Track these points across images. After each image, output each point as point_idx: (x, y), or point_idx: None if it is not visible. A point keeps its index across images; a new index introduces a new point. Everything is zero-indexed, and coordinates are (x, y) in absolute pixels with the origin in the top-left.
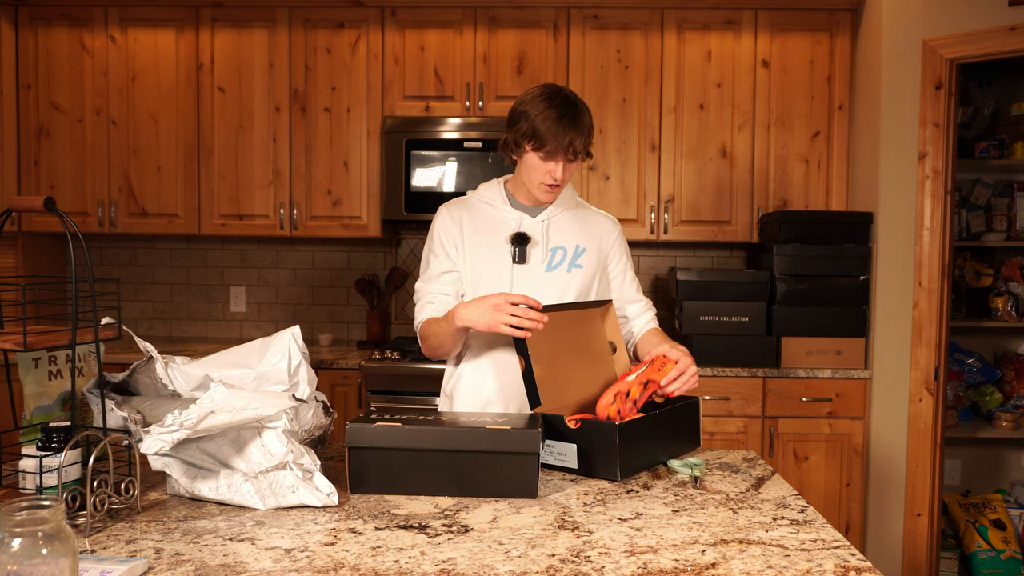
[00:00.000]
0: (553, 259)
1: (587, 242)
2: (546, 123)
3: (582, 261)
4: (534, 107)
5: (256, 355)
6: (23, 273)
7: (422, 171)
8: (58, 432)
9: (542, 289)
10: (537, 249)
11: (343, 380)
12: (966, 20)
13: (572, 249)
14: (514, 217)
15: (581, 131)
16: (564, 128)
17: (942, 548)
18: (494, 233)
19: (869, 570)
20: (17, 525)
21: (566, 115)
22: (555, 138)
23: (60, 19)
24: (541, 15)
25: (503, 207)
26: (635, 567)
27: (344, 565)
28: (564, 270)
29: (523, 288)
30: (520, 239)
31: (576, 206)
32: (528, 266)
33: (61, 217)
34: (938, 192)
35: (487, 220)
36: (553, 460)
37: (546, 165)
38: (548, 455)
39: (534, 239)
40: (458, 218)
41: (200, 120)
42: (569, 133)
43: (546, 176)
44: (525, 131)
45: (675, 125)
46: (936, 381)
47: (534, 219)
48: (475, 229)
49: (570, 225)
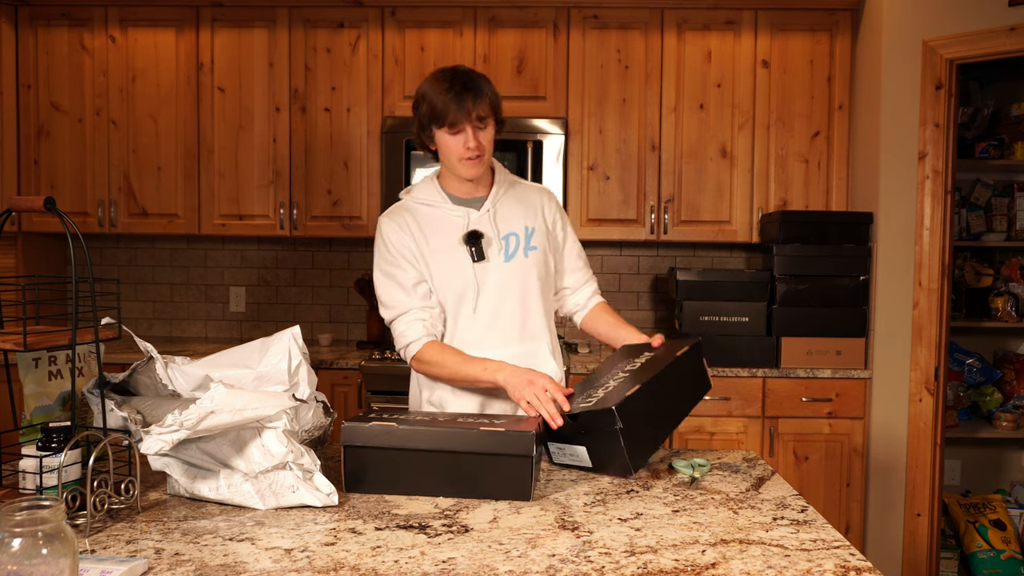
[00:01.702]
0: (508, 248)
1: (533, 220)
2: (440, 96)
3: (535, 242)
4: (429, 88)
5: (256, 355)
6: (23, 273)
7: (422, 171)
8: (58, 432)
9: (506, 282)
10: (491, 242)
11: (343, 380)
12: (966, 20)
13: (523, 232)
14: (460, 215)
15: (479, 94)
16: (459, 95)
17: (942, 548)
18: (445, 235)
19: (869, 570)
20: (17, 525)
21: (457, 83)
22: (454, 107)
23: (60, 19)
24: (541, 15)
25: (445, 206)
26: (635, 567)
27: (344, 565)
28: (521, 256)
29: (488, 286)
30: (473, 237)
31: (512, 184)
32: (488, 262)
33: (61, 217)
34: (938, 192)
35: (434, 223)
36: (568, 460)
37: (456, 138)
38: (563, 456)
39: (486, 234)
40: (406, 225)
41: (200, 120)
42: (466, 99)
43: (461, 149)
44: (425, 113)
45: (675, 125)
46: (936, 381)
47: (479, 212)
48: (427, 236)
49: (513, 208)
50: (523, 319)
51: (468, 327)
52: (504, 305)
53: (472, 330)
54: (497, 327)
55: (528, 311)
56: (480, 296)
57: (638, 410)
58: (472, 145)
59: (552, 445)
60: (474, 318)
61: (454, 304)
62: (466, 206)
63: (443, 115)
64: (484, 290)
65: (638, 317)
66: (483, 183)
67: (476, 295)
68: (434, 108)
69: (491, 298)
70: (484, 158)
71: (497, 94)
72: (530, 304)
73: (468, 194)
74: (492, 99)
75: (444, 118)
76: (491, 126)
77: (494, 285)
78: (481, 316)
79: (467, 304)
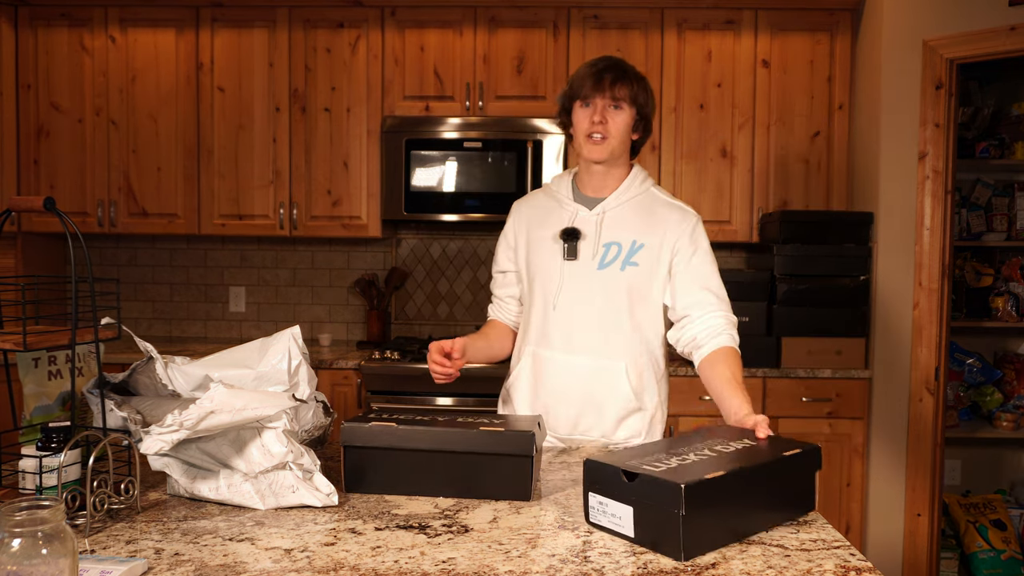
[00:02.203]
0: (606, 256)
1: (648, 237)
2: (583, 71)
3: (637, 259)
4: (576, 71)
5: (256, 355)
6: (23, 273)
7: (422, 171)
8: (58, 432)
9: (593, 288)
10: (587, 244)
11: (343, 380)
12: (966, 20)
13: (628, 245)
14: (570, 210)
15: (622, 77)
16: (600, 72)
17: (942, 548)
18: (551, 227)
19: (869, 570)
20: (17, 525)
21: (602, 63)
22: (591, 81)
23: (60, 19)
24: (541, 15)
25: (565, 200)
26: (635, 567)
27: (344, 565)
28: (617, 268)
29: (572, 286)
30: (569, 234)
31: (643, 195)
32: (578, 263)
33: (61, 217)
34: (938, 192)
35: (548, 214)
36: (607, 522)
37: (585, 112)
38: (600, 514)
39: (584, 234)
40: (524, 214)
41: (200, 120)
42: (605, 77)
43: (588, 125)
44: (566, 92)
45: (675, 125)
46: (936, 381)
47: (590, 212)
48: (537, 224)
49: (631, 218)
50: (603, 333)
51: (547, 324)
52: (585, 312)
53: (552, 328)
54: (575, 332)
55: (611, 326)
56: (561, 293)
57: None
58: (598, 119)
59: (593, 498)
60: (554, 316)
61: (538, 296)
62: (584, 204)
63: (580, 88)
64: (567, 289)
65: None
66: (612, 185)
67: (558, 292)
68: (573, 83)
69: (574, 300)
70: (609, 141)
71: (648, 93)
72: (615, 320)
73: (593, 192)
74: (636, 91)
75: (580, 90)
76: (627, 112)
77: (579, 288)
78: (561, 316)
79: (549, 300)
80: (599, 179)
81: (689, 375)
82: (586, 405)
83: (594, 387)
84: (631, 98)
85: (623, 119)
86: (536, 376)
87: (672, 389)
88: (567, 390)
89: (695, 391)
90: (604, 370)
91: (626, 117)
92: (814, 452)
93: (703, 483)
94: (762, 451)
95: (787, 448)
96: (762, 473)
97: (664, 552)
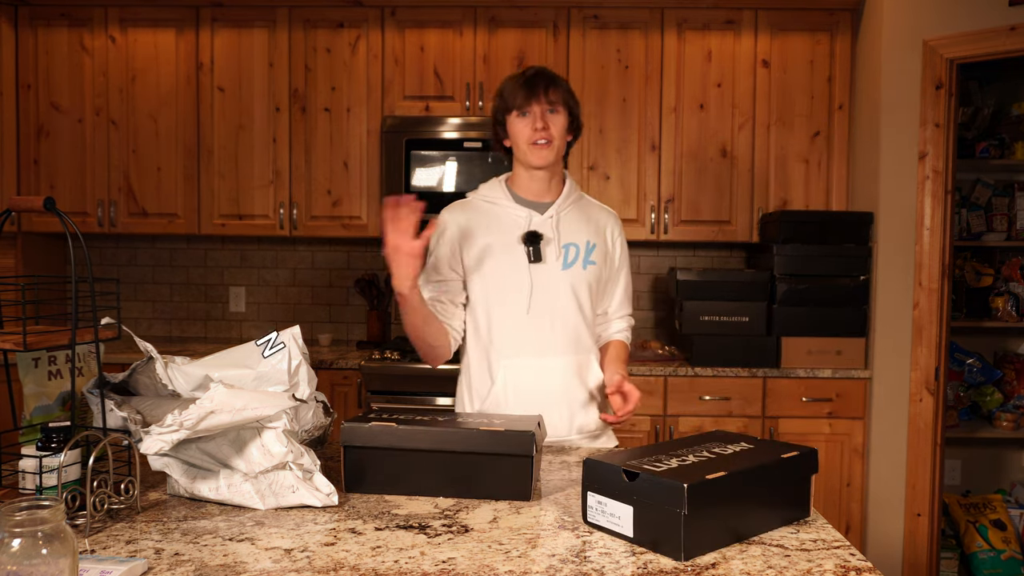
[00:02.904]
0: (567, 257)
1: (595, 237)
2: (512, 83)
3: (595, 257)
4: (504, 84)
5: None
6: (23, 273)
7: (422, 171)
8: (58, 432)
9: (561, 288)
10: (550, 247)
11: (343, 380)
12: (966, 20)
13: (584, 246)
14: (523, 215)
15: (552, 82)
16: (531, 80)
17: (942, 548)
18: (504, 233)
19: (869, 570)
20: (17, 525)
21: (531, 71)
22: (524, 90)
23: (60, 19)
24: (541, 15)
25: (508, 205)
26: (635, 567)
27: (344, 565)
28: (580, 267)
29: (542, 289)
30: (532, 238)
31: (579, 199)
32: (544, 265)
33: (61, 217)
34: (938, 192)
35: (494, 220)
36: (606, 522)
37: (525, 120)
38: (599, 514)
39: (546, 236)
40: (461, 222)
41: (200, 120)
42: (537, 84)
43: (529, 131)
44: (499, 105)
45: (675, 125)
46: (936, 381)
47: (543, 216)
48: (483, 231)
49: (578, 220)
50: (576, 329)
51: (520, 330)
52: (559, 312)
53: (525, 333)
54: (550, 334)
55: (580, 322)
56: (533, 297)
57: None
58: (540, 126)
59: (592, 498)
60: (527, 320)
61: (503, 302)
62: (531, 208)
63: (513, 99)
64: (538, 292)
65: (638, 317)
66: (553, 188)
67: (530, 295)
68: (503, 96)
69: (545, 302)
70: (554, 145)
71: (574, 95)
72: (583, 316)
73: (535, 196)
74: (566, 94)
75: (514, 101)
76: (563, 115)
77: (549, 290)
78: (534, 319)
79: (519, 305)
80: (541, 184)
81: (689, 375)
82: (573, 403)
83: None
84: (564, 101)
85: (561, 121)
86: (517, 389)
87: (672, 389)
88: (550, 393)
89: (695, 391)
90: (583, 365)
91: (563, 119)
92: (811, 455)
93: (704, 483)
94: (761, 453)
95: (785, 451)
96: (761, 474)
97: (664, 552)
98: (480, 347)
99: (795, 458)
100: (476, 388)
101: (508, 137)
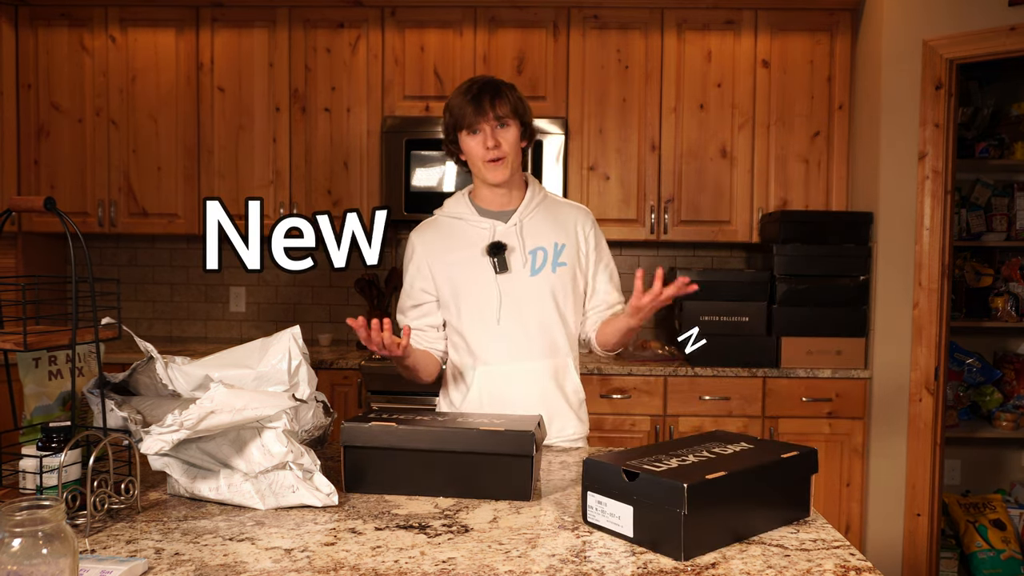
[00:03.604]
0: (535, 262)
1: (564, 237)
2: (459, 100)
3: (564, 258)
4: (451, 97)
5: (256, 355)
6: (23, 273)
7: (422, 171)
8: (58, 432)
9: (532, 295)
10: (516, 255)
11: (343, 380)
12: (966, 20)
13: (551, 247)
14: (486, 227)
15: (498, 95)
16: (477, 96)
17: (942, 548)
18: (469, 247)
19: (869, 570)
20: (17, 525)
21: (476, 87)
22: (471, 108)
23: (60, 19)
24: (541, 15)
25: (472, 218)
26: (635, 567)
27: (344, 565)
28: (549, 271)
29: (512, 298)
30: (496, 248)
31: (545, 200)
32: (512, 274)
33: (61, 217)
34: (938, 192)
35: (459, 236)
36: (606, 522)
37: (476, 139)
38: (599, 514)
39: (510, 246)
40: (429, 242)
41: (200, 120)
42: (483, 99)
43: (481, 150)
44: (449, 122)
45: (675, 125)
46: (936, 381)
47: (506, 224)
48: (449, 248)
49: (543, 223)
50: (550, 334)
51: (493, 339)
52: (531, 318)
53: (498, 342)
54: (524, 340)
55: (555, 326)
56: (503, 307)
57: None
58: (491, 144)
59: (591, 497)
60: (499, 330)
61: (474, 316)
62: (494, 219)
63: (461, 117)
64: (507, 302)
65: None
66: (515, 196)
67: (499, 306)
68: (453, 113)
69: (516, 311)
70: (507, 160)
71: (523, 100)
72: (557, 319)
73: (499, 207)
74: (515, 103)
75: (463, 120)
76: (513, 127)
77: (519, 298)
78: (506, 328)
79: (490, 316)
80: (502, 194)
81: (689, 375)
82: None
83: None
84: (513, 112)
85: (512, 134)
86: (491, 395)
87: (672, 389)
88: (526, 398)
89: (695, 391)
90: (558, 369)
91: (514, 131)
92: (811, 455)
93: (704, 483)
94: (761, 453)
95: (785, 450)
96: (761, 474)
97: (664, 552)
98: (456, 355)
99: (795, 458)
100: (452, 395)
101: (462, 152)
